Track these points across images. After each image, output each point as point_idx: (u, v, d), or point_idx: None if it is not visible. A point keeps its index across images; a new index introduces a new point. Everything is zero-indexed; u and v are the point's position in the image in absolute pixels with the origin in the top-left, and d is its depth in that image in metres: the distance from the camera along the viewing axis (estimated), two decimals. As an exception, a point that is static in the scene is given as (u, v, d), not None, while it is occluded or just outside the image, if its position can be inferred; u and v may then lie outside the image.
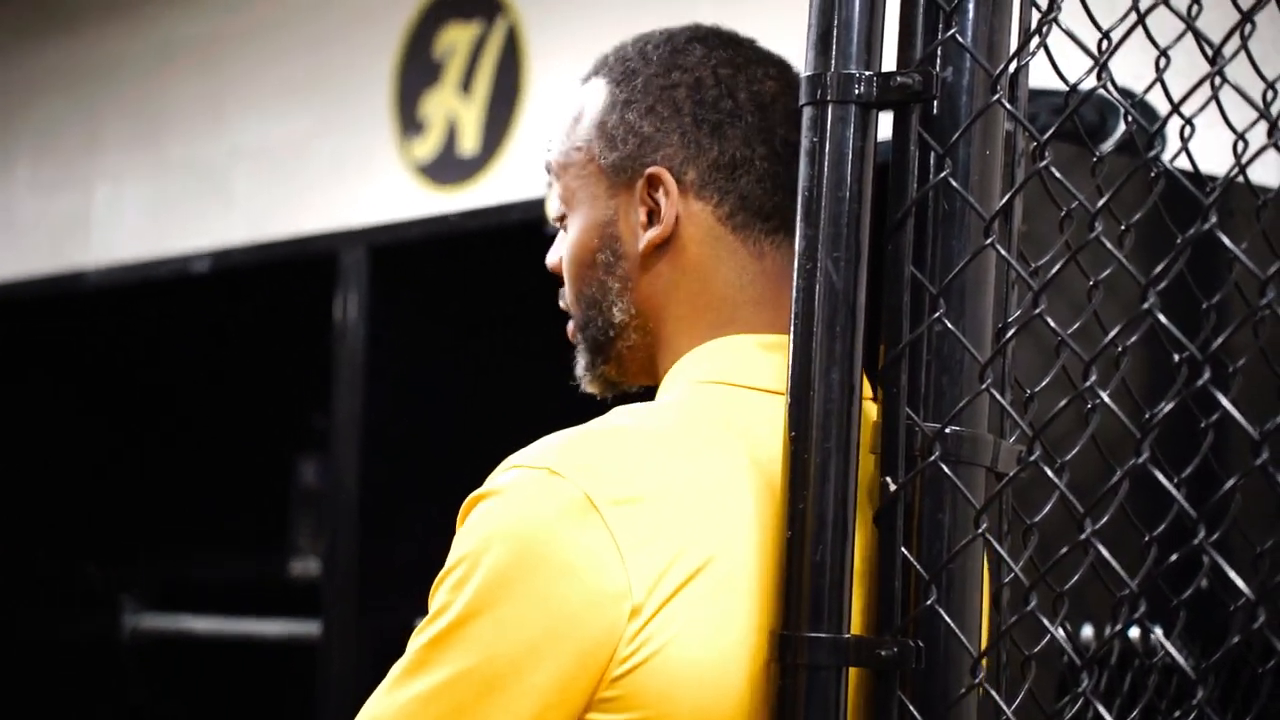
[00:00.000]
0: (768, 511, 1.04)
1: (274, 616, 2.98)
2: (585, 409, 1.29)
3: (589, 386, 1.24)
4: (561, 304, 1.25)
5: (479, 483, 1.08)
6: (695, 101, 1.17)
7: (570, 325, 1.24)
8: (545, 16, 2.92)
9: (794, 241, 1.02)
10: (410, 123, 3.04)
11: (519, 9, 2.95)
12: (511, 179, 2.90)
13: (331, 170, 3.16)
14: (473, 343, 2.56)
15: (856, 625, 1.00)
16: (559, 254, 1.24)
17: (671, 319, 1.17)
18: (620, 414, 1.09)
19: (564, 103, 1.25)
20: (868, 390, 1.06)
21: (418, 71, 3.05)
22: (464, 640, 1.02)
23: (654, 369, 1.20)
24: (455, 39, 3.02)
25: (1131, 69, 1.25)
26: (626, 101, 1.19)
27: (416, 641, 1.05)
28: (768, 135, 1.16)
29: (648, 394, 1.22)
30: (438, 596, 1.05)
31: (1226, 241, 0.86)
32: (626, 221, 1.18)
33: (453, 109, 3.00)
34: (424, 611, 1.06)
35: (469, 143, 2.97)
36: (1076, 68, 1.05)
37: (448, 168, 2.98)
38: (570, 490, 1.02)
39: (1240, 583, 0.84)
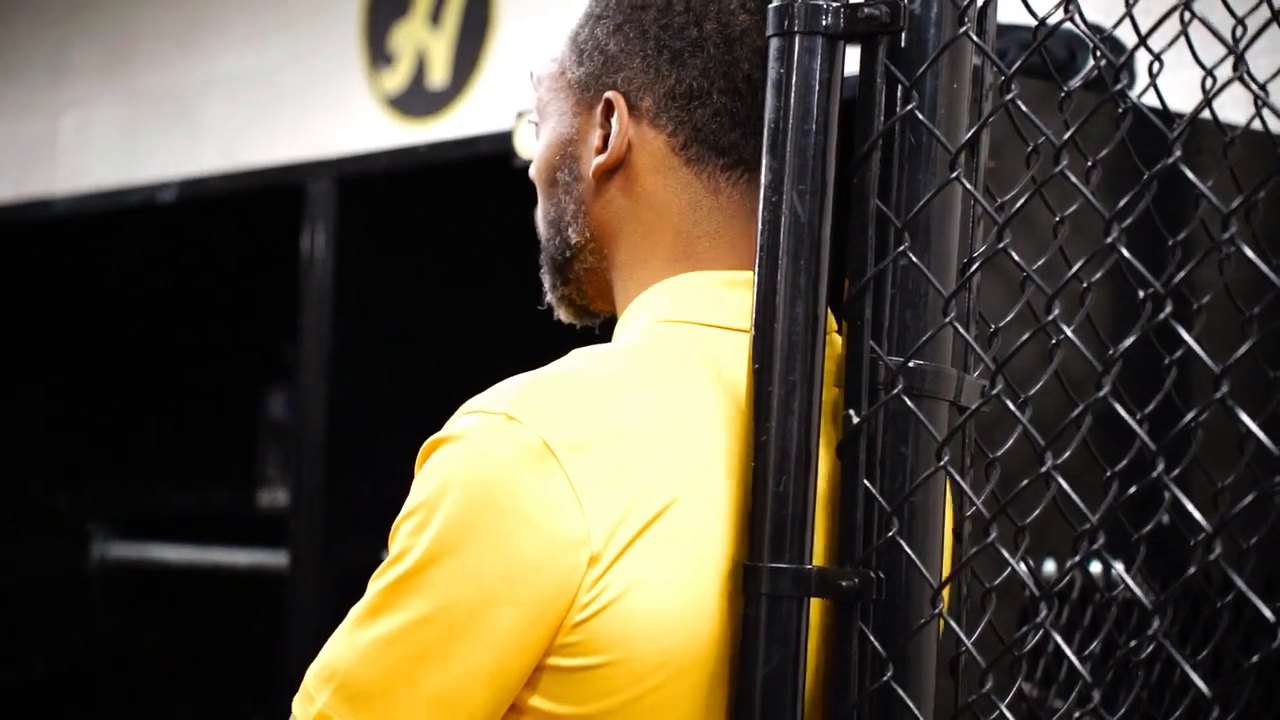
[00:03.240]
0: (731, 451, 1.04)
1: (242, 546, 2.99)
2: (553, 343, 1.29)
3: (558, 311, 1.23)
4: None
5: (446, 417, 1.08)
6: (661, 26, 1.14)
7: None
8: (517, -53, 2.89)
9: (753, 179, 1.01)
10: (380, 54, 3.01)
11: (490, -61, 2.92)
12: (481, 111, 2.88)
13: (300, 101, 3.14)
14: (441, 276, 2.55)
15: (819, 556, 1.01)
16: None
17: (625, 247, 1.16)
18: (579, 356, 1.08)
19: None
20: (832, 324, 1.06)
21: (387, 3, 3.02)
22: (423, 586, 1.02)
23: (611, 295, 1.18)
24: (426, -31, 2.99)
25: (1101, 4, 1.25)
26: (599, 17, 1.17)
27: (376, 585, 1.04)
28: (729, 69, 1.13)
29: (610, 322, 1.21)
30: (397, 540, 1.04)
31: (1191, 177, 0.86)
32: (585, 142, 1.17)
33: (422, 41, 2.97)
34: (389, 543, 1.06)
35: (438, 75, 2.94)
36: (1045, 2, 1.05)
37: (417, 100, 2.96)
38: (527, 435, 1.01)
39: (1199, 517, 0.85)
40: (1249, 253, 0.84)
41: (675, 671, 1.01)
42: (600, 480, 1.01)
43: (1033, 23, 1.07)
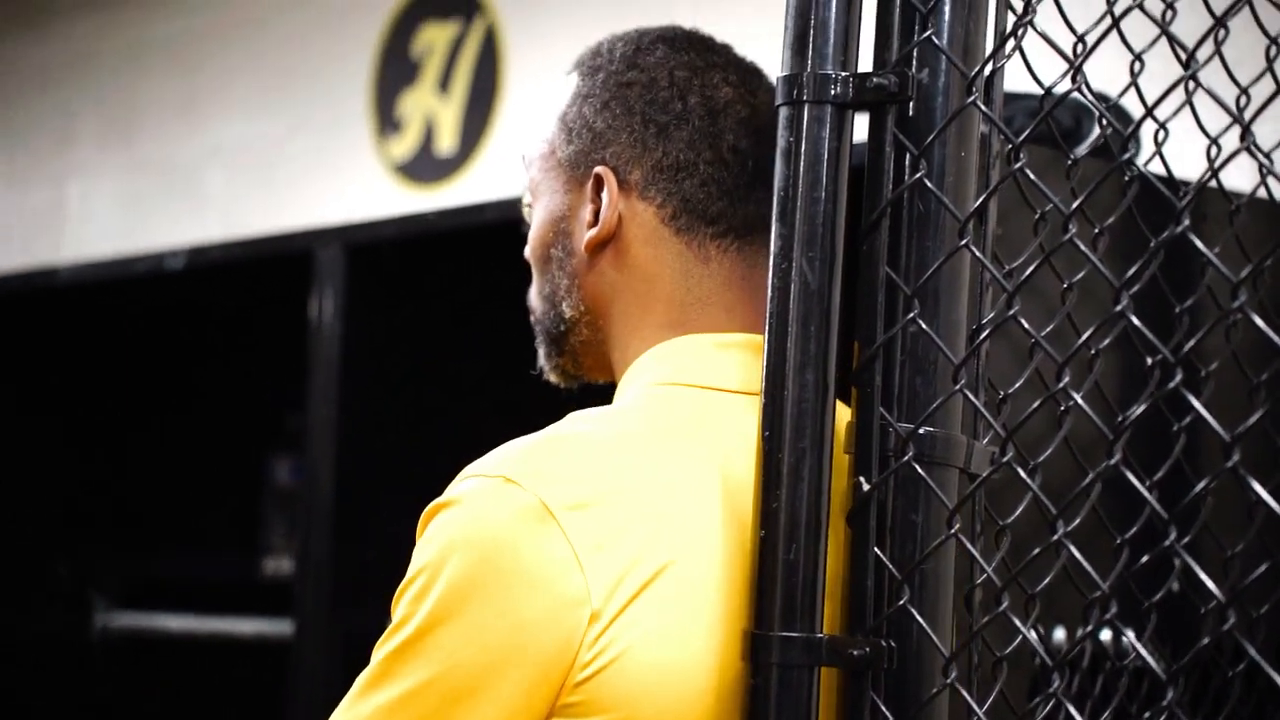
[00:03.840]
0: (729, 512, 1.04)
1: (246, 615, 2.98)
2: (560, 410, 1.29)
3: (549, 376, 1.25)
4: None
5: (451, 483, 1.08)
6: (646, 101, 1.17)
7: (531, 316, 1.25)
8: (524, 17, 2.92)
9: (742, 247, 1.02)
10: (388, 121, 3.03)
11: (497, 9, 2.95)
12: (489, 178, 2.90)
13: (308, 168, 3.15)
14: (449, 342, 2.55)
15: (829, 625, 1.00)
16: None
17: (619, 317, 1.18)
18: (577, 419, 1.09)
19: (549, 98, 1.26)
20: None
21: (396, 70, 3.04)
22: (426, 651, 1.02)
23: (608, 365, 1.20)
24: (433, 38, 3.02)
25: (1107, 73, 1.26)
26: (585, 96, 1.19)
27: (379, 653, 1.05)
28: (715, 141, 1.16)
29: (611, 386, 1.22)
30: (399, 608, 1.05)
31: (1199, 245, 0.87)
32: (577, 218, 1.19)
33: (430, 108, 2.99)
34: (396, 611, 1.06)
35: (446, 142, 2.96)
36: (1052, 71, 1.06)
37: (425, 167, 2.98)
38: (525, 497, 1.02)
39: (1211, 585, 0.84)
40: (1259, 322, 0.85)
41: None
42: (599, 539, 1.01)
43: (1039, 91, 1.08)
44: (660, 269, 1.16)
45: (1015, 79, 1.16)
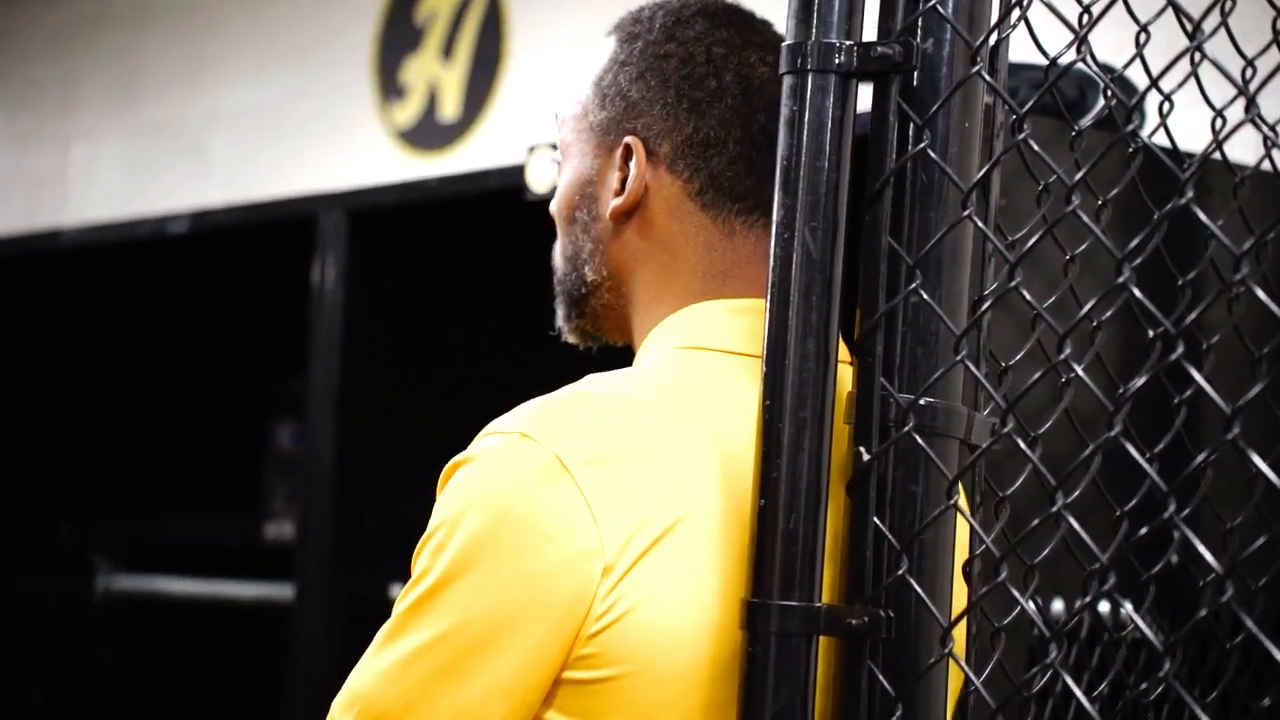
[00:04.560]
0: (739, 473, 1.05)
1: (247, 579, 2.98)
2: (562, 375, 1.29)
3: (568, 337, 1.26)
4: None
5: (454, 449, 1.10)
6: (682, 76, 1.17)
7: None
8: (528, -18, 2.90)
9: (767, 224, 1.03)
10: (391, 88, 3.03)
11: (501, -26, 2.93)
12: (492, 145, 2.89)
13: (311, 134, 3.15)
14: (450, 309, 2.55)
15: (827, 594, 1.01)
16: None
17: (641, 285, 1.19)
18: (594, 379, 1.11)
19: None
20: (845, 356, 1.07)
21: (399, 36, 3.03)
22: (443, 603, 1.04)
23: (628, 329, 1.22)
24: (437, 5, 3.01)
25: (1112, 44, 1.25)
26: (622, 63, 1.20)
27: (399, 607, 1.07)
28: (746, 120, 1.16)
29: (625, 349, 1.22)
30: (419, 562, 1.07)
31: (1202, 217, 0.87)
32: (604, 184, 1.20)
33: (434, 74, 2.98)
34: (397, 576, 1.07)
35: (449, 108, 2.95)
36: (1057, 42, 1.05)
37: (428, 133, 2.97)
38: (541, 452, 1.04)
39: (1209, 557, 0.84)
40: (1261, 294, 0.85)
41: (689, 687, 1.02)
42: (613, 494, 1.03)
43: (1044, 62, 1.08)
44: (684, 241, 1.17)
45: (1020, 49, 1.16)
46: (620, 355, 1.26)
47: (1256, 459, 0.83)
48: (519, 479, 1.03)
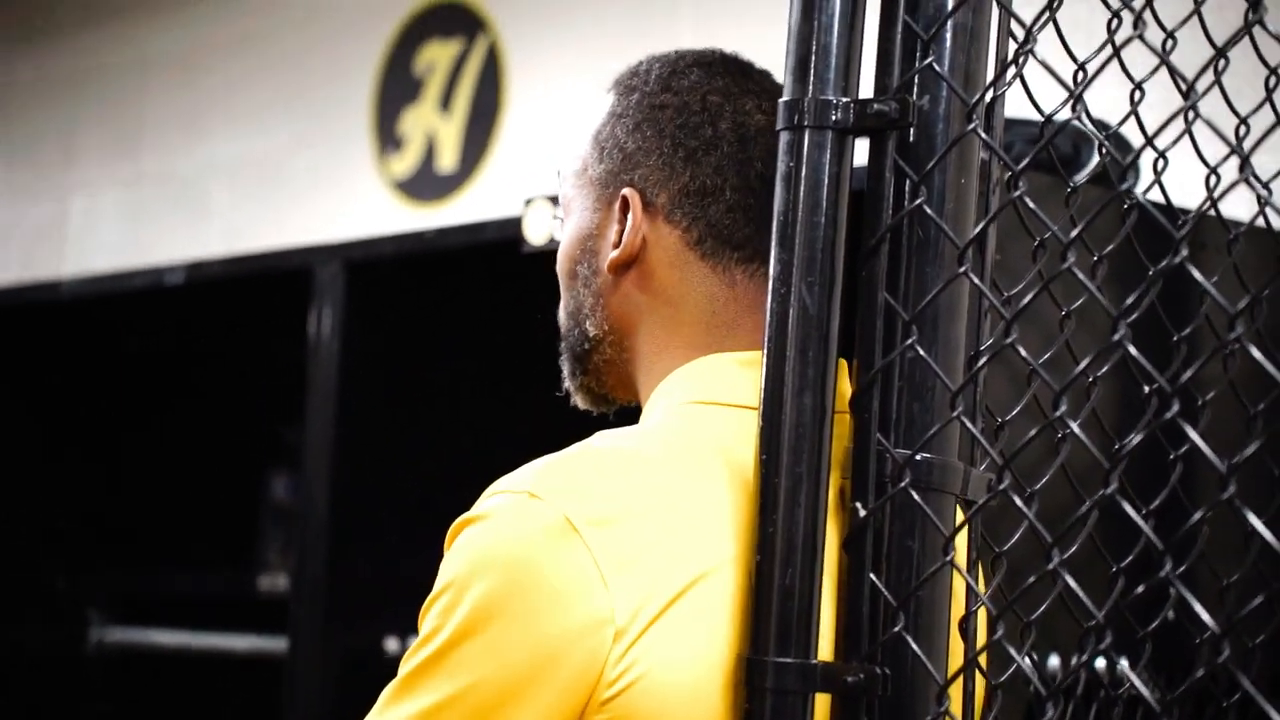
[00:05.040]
0: (751, 530, 1.04)
1: (241, 631, 2.97)
2: (560, 427, 1.29)
3: (575, 398, 1.25)
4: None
5: (449, 502, 1.09)
6: (678, 125, 1.17)
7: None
8: (526, 35, 2.92)
9: (767, 270, 1.03)
10: (389, 139, 3.04)
11: (500, 28, 2.95)
12: (490, 196, 2.90)
13: (309, 185, 3.16)
14: (446, 361, 2.55)
15: (824, 651, 1.00)
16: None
17: (645, 339, 1.18)
18: (601, 437, 1.09)
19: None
20: (842, 408, 1.07)
21: (397, 88, 3.05)
22: (452, 665, 1.02)
23: (633, 385, 1.20)
24: (436, 56, 3.02)
25: (1108, 101, 1.26)
26: (619, 116, 1.20)
27: (407, 665, 1.05)
28: (743, 167, 1.16)
29: (633, 412, 1.22)
30: (426, 621, 1.05)
31: (1197, 275, 0.87)
32: (604, 237, 1.19)
33: (432, 126, 3.00)
34: (391, 630, 1.06)
35: (447, 160, 2.96)
36: (1053, 98, 1.06)
37: (426, 184, 2.98)
38: (550, 513, 1.02)
39: (1205, 615, 0.84)
40: (1256, 353, 0.85)
41: None
42: (624, 556, 1.01)
43: (1040, 118, 1.08)
44: (685, 292, 1.16)
45: (1016, 105, 1.16)
46: (621, 410, 1.25)
47: (1252, 517, 0.83)
48: (529, 540, 1.02)
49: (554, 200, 1.29)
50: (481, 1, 2.98)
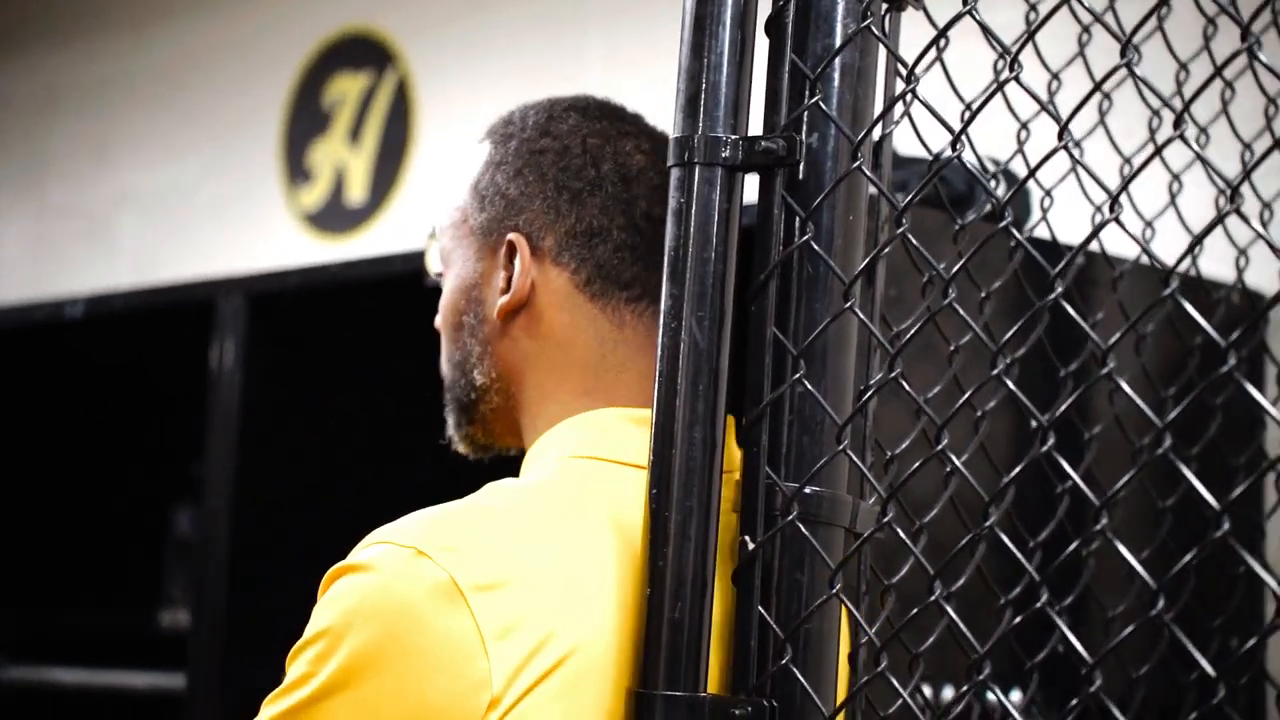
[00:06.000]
0: (636, 594, 1.03)
1: (142, 669, 2.93)
2: (462, 467, 1.28)
3: (458, 446, 1.24)
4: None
5: (352, 537, 1.06)
6: (560, 168, 1.18)
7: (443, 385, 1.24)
8: (436, 70, 2.92)
9: (658, 311, 1.03)
10: (298, 171, 3.02)
11: (409, 61, 2.95)
12: (399, 229, 2.89)
13: (216, 217, 3.14)
14: (351, 395, 2.54)
15: (713, 684, 1.00)
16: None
17: (532, 385, 1.17)
18: (490, 492, 1.08)
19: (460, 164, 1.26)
20: (732, 447, 1.07)
21: (307, 120, 3.04)
22: (320, 716, 1.00)
23: (519, 432, 1.19)
24: (345, 89, 3.01)
25: (1001, 138, 1.28)
26: (499, 164, 1.20)
27: (271, 709, 1.03)
28: (628, 207, 1.17)
29: (518, 459, 1.21)
30: (296, 665, 1.03)
31: (1071, 311, 0.88)
32: (490, 285, 1.19)
33: (341, 158, 2.99)
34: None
35: (356, 192, 2.96)
36: (944, 136, 1.07)
37: (335, 217, 2.97)
38: (436, 573, 1.00)
39: (1079, 646, 0.85)
40: (1127, 389, 0.86)
41: None
42: (505, 623, 1.00)
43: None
44: (575, 334, 1.16)
45: (912, 142, 1.18)
46: (507, 460, 1.24)
47: (1125, 551, 0.84)
48: (414, 599, 0.99)
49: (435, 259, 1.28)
50: (391, 34, 2.98)
